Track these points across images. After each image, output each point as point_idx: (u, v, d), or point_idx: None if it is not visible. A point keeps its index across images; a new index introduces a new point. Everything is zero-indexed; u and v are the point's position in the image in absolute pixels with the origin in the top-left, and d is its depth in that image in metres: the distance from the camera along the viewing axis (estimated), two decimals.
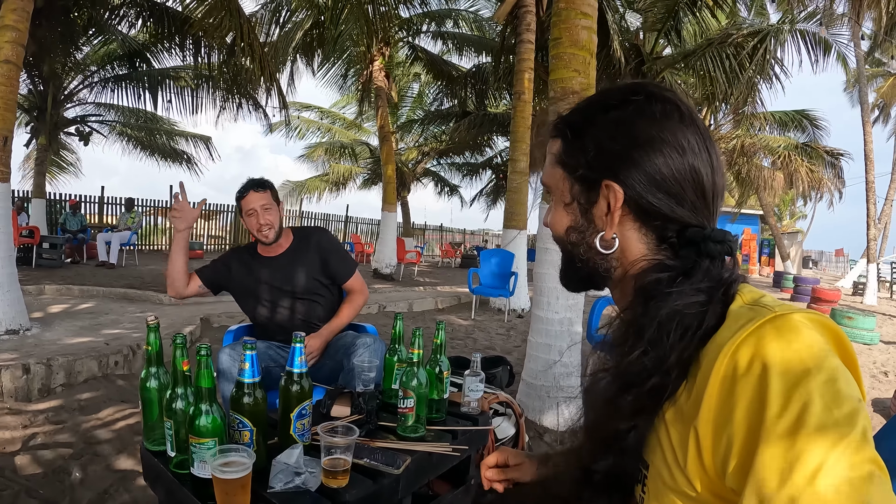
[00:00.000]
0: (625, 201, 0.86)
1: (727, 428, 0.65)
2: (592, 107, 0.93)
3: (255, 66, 8.84)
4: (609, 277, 0.93)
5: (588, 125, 0.91)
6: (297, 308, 2.96)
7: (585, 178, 0.91)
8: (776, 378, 0.62)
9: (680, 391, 0.76)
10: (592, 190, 0.90)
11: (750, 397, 0.64)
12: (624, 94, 0.89)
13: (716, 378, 0.68)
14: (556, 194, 0.97)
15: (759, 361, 0.65)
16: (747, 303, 0.76)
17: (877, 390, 6.03)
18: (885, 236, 20.88)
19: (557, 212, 0.96)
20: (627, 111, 0.87)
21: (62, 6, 10.18)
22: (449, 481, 2.28)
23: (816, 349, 0.64)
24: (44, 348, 4.76)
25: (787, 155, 16.82)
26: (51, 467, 3.01)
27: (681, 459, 0.73)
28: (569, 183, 0.94)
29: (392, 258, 14.41)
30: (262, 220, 2.84)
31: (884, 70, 24.31)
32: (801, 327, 0.66)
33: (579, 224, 0.93)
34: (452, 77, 15.43)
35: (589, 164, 0.90)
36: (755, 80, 11.40)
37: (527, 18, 9.47)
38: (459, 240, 32.17)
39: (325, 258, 3.04)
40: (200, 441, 1.42)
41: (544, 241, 4.36)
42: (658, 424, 0.79)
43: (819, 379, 0.61)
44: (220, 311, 7.29)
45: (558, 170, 0.96)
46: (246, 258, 3.01)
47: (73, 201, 14.08)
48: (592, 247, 0.91)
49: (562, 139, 0.95)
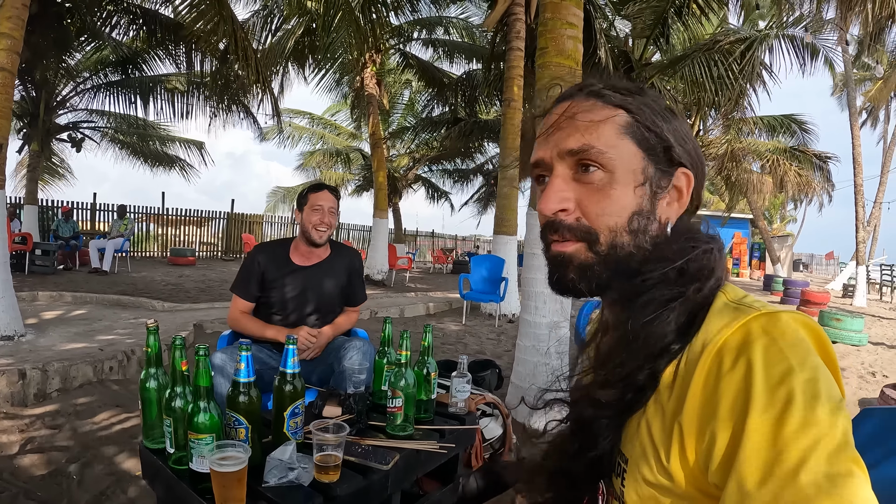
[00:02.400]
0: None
1: (711, 423, 0.66)
2: (631, 91, 0.87)
3: (248, 72, 8.87)
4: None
5: (646, 105, 0.85)
6: (311, 320, 3.00)
7: (668, 160, 0.85)
8: (760, 375, 0.63)
9: (662, 386, 0.76)
10: (665, 175, 0.85)
11: (734, 394, 0.64)
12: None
13: (700, 374, 0.69)
14: (618, 171, 0.82)
15: (744, 359, 0.65)
16: (731, 300, 0.76)
17: (864, 390, 6.13)
18: (875, 239, 21.06)
19: (623, 193, 0.82)
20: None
21: (56, 13, 10.21)
22: (437, 479, 2.34)
23: (800, 348, 0.65)
24: (39, 354, 4.79)
25: (776, 159, 16.93)
26: (48, 470, 3.06)
27: (663, 454, 0.73)
28: (644, 162, 0.84)
29: (384, 264, 14.46)
30: (325, 220, 2.90)
31: (871, 74, 24.57)
32: (786, 326, 0.67)
33: (645, 210, 0.84)
34: (443, 84, 15.55)
35: (670, 147, 0.84)
36: (744, 86, 11.51)
37: (516, 26, 9.58)
38: (451, 246, 32.19)
39: (351, 281, 3.13)
40: (199, 437, 1.49)
41: (532, 246, 4.42)
42: (639, 419, 0.78)
43: (802, 377, 0.62)
44: (214, 318, 7.33)
45: (630, 144, 0.83)
46: (281, 262, 2.99)
47: (66, 208, 14.08)
48: (647, 237, 0.84)
49: (627, 112, 0.84)
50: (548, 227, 0.87)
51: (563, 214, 0.84)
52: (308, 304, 2.99)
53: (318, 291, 3.00)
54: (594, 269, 0.83)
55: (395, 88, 20.54)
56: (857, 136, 17.23)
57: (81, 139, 15.07)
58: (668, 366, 0.75)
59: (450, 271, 22.30)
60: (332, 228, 2.97)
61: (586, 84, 0.89)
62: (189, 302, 8.69)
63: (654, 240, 0.84)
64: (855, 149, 16.97)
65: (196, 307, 8.21)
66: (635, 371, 0.77)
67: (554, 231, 0.85)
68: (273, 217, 22.80)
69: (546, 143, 0.87)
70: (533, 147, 0.92)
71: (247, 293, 2.94)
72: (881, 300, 20.07)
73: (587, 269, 0.83)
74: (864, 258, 17.20)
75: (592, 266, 0.83)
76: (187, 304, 8.36)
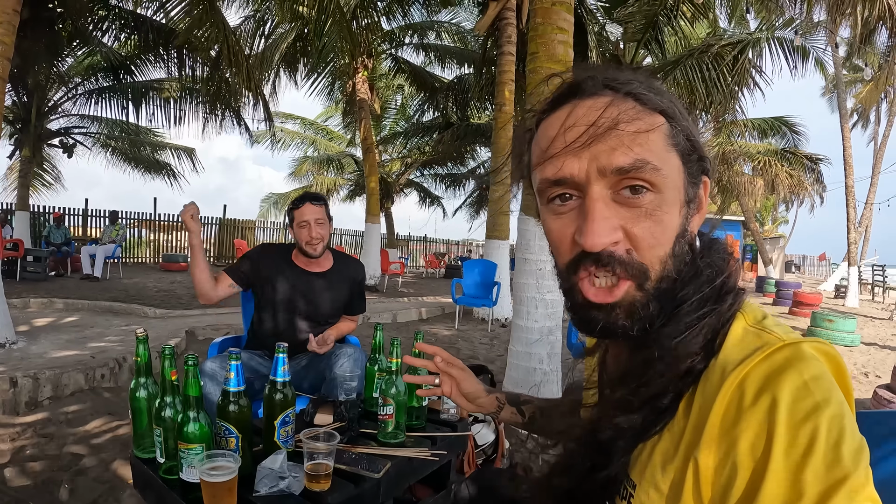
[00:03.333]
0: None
1: (729, 460, 0.62)
2: (661, 90, 0.78)
3: (240, 78, 8.88)
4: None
5: (677, 106, 0.78)
6: (309, 329, 2.96)
7: (701, 170, 0.79)
8: (785, 412, 0.60)
9: (678, 414, 0.72)
10: (695, 187, 0.78)
11: (757, 430, 0.61)
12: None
13: (720, 406, 0.65)
14: (667, 190, 0.73)
15: (768, 394, 0.62)
16: (751, 324, 0.72)
17: (857, 391, 6.16)
18: (867, 239, 21.22)
19: (672, 217, 0.73)
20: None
21: (47, 18, 10.17)
22: (430, 486, 2.34)
23: (824, 383, 0.62)
24: (30, 361, 4.78)
25: (767, 161, 17.02)
26: (40, 479, 3.05)
27: (676, 486, 0.68)
28: (684, 177, 0.75)
29: (376, 269, 14.44)
30: (314, 234, 2.85)
31: (861, 76, 24.76)
32: (811, 359, 0.64)
33: (684, 230, 0.76)
34: (435, 88, 15.55)
35: (704, 158, 0.78)
36: (735, 89, 11.57)
37: (507, 31, 9.62)
38: (444, 250, 32.19)
39: (353, 291, 3.13)
40: (189, 447, 1.49)
41: (523, 251, 4.43)
42: (652, 444, 0.74)
43: (827, 414, 0.59)
44: (206, 324, 7.31)
45: (675, 158, 0.74)
46: (281, 263, 2.96)
47: (58, 214, 14.02)
48: (685, 258, 0.76)
49: (666, 118, 0.75)
50: (586, 258, 0.73)
51: (613, 246, 0.71)
52: (301, 313, 2.96)
53: (314, 300, 2.97)
54: (648, 308, 0.73)
55: (386, 93, 20.54)
56: (848, 137, 17.33)
57: (73, 145, 15.01)
58: (688, 389, 0.71)
59: (442, 276, 22.33)
60: (326, 238, 2.92)
61: (608, 76, 0.76)
62: (181, 308, 8.65)
63: (689, 258, 0.76)
64: (846, 150, 17.06)
65: (188, 313, 8.18)
66: (661, 393, 0.72)
67: (601, 265, 0.72)
68: (266, 223, 22.79)
69: (575, 156, 0.72)
70: (531, 150, 0.82)
71: (235, 273, 2.87)
72: (873, 300, 20.17)
73: (639, 311, 0.73)
74: (856, 259, 17.28)
75: (646, 305, 0.73)
76: (179, 311, 8.33)
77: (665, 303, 0.74)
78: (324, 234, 2.90)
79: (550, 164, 0.75)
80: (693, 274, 0.76)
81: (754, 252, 27.45)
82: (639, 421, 0.73)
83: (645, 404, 0.73)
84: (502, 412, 1.33)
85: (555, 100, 0.79)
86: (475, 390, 1.32)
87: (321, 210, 2.90)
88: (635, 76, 0.77)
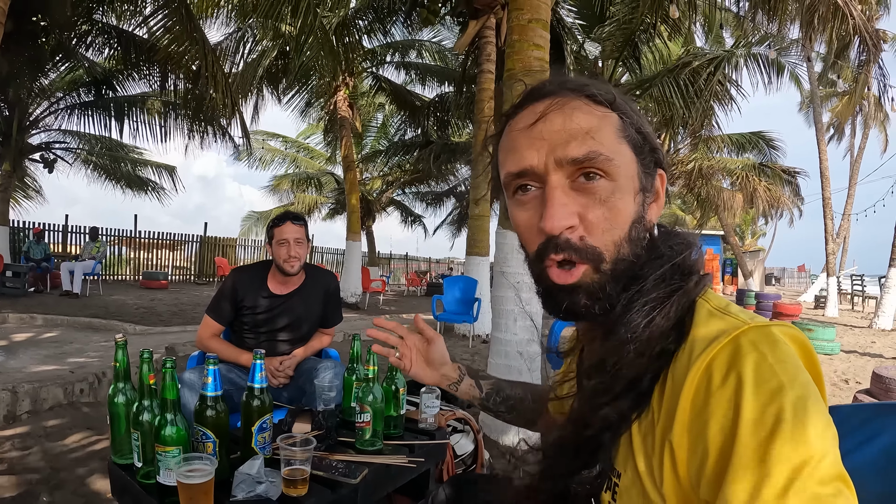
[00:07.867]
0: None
1: (701, 441, 0.64)
2: (610, 88, 0.82)
3: (218, 95, 8.90)
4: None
5: (628, 103, 0.83)
6: (285, 347, 3.03)
7: (655, 162, 0.84)
8: (750, 392, 0.61)
9: (653, 399, 0.74)
10: (650, 178, 0.83)
11: (724, 411, 0.62)
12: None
13: (689, 389, 0.67)
14: (620, 178, 0.78)
15: (734, 374, 0.63)
16: (715, 308, 0.76)
17: (837, 397, 6.28)
18: (845, 250, 21.49)
19: (626, 203, 0.79)
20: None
21: (30, 31, 10.16)
22: (408, 495, 2.36)
23: (791, 364, 0.64)
24: (9, 375, 4.75)
25: (745, 175, 17.21)
26: (18, 492, 3.03)
27: (655, 471, 0.70)
28: (637, 167, 0.81)
29: (357, 287, 14.46)
30: (293, 252, 2.89)
31: (835, 91, 25.18)
32: (777, 341, 0.66)
33: (641, 217, 0.81)
34: (416, 106, 15.67)
35: (655, 149, 0.83)
36: (712, 104, 11.74)
37: (487, 49, 9.71)
38: (425, 268, 32.22)
39: (328, 304, 3.16)
40: (166, 449, 1.51)
41: (501, 264, 4.45)
42: (631, 433, 0.75)
43: (793, 394, 0.60)
44: (186, 340, 7.26)
45: (627, 148, 0.80)
46: (256, 290, 2.98)
47: (38, 229, 13.93)
48: (642, 243, 0.81)
49: (618, 115, 0.80)
50: (549, 246, 0.78)
51: (569, 232, 0.77)
52: (281, 332, 3.02)
53: (292, 319, 3.02)
54: (605, 289, 0.78)
55: (368, 111, 20.61)
56: (825, 150, 17.68)
57: (54, 160, 14.91)
58: (662, 371, 0.74)
59: (424, 293, 22.36)
60: (303, 258, 2.97)
61: (565, 80, 0.83)
62: (161, 325, 8.61)
63: (646, 243, 0.81)
64: (822, 163, 17.38)
65: (168, 330, 8.15)
66: (639, 376, 0.74)
67: (559, 250, 0.77)
68: (246, 241, 22.72)
69: (535, 149, 0.79)
70: (499, 153, 0.88)
71: (220, 316, 2.95)
72: (853, 310, 20.36)
73: (598, 291, 0.78)
74: (835, 269, 17.54)
75: (603, 286, 0.78)
76: (159, 328, 8.30)
77: (625, 282, 0.78)
78: (302, 253, 2.95)
79: (512, 158, 0.82)
80: (653, 257, 0.81)
81: (734, 266, 27.60)
82: (622, 407, 0.75)
83: (625, 389, 0.75)
84: (461, 384, 1.36)
85: (517, 104, 0.85)
86: (442, 356, 1.38)
87: (301, 230, 2.96)
88: (591, 80, 0.83)
